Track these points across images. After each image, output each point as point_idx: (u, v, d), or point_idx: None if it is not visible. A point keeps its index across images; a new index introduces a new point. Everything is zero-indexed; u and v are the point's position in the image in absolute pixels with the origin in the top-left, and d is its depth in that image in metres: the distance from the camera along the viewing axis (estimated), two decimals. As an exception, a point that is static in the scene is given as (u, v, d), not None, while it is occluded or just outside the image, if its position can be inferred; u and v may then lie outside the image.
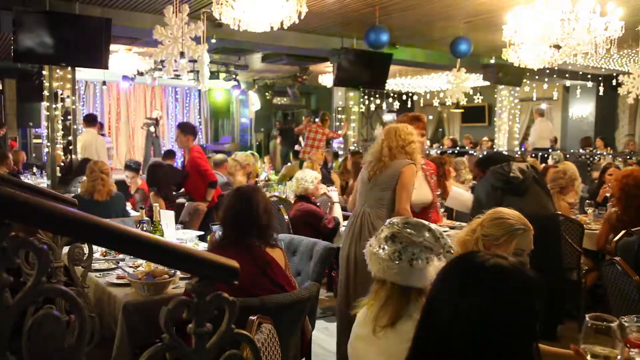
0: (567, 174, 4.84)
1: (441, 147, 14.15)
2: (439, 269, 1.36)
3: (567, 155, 9.89)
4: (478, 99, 13.25)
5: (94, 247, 2.68)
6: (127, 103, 15.01)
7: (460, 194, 4.91)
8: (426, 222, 1.73)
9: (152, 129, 13.35)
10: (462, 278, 1.17)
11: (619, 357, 1.38)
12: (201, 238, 4.26)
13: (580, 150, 11.09)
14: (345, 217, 4.95)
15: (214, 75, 11.29)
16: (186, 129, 5.83)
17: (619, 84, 8.14)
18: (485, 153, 6.84)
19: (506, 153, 11.37)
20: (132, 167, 6.17)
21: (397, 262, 1.63)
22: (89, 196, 4.62)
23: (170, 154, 8.91)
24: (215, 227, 3.40)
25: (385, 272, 1.66)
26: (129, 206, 5.58)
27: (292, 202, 5.11)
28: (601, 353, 1.39)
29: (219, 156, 6.85)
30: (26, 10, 6.31)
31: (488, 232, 2.06)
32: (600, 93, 10.71)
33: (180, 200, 5.89)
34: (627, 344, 1.62)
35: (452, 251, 1.72)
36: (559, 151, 10.29)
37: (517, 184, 3.66)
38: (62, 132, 7.20)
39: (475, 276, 1.15)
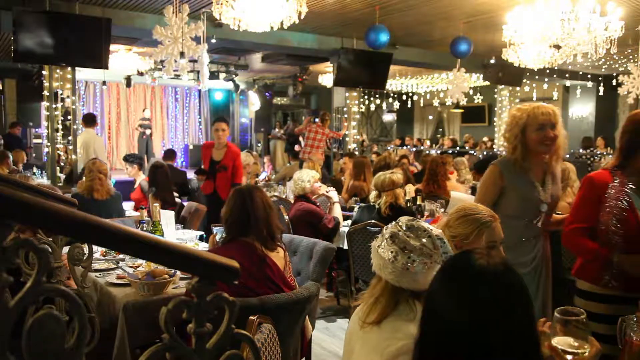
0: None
1: (441, 147, 14.16)
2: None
3: (567, 155, 9.89)
4: (478, 99, 13.25)
5: (94, 247, 2.68)
6: (127, 103, 15.02)
7: (461, 199, 4.89)
8: (429, 227, 1.72)
9: (147, 131, 13.34)
10: (451, 280, 1.19)
11: (587, 350, 1.40)
12: (201, 238, 4.27)
13: (581, 150, 11.10)
14: (346, 217, 4.96)
15: (214, 75, 11.28)
16: (228, 122, 5.89)
17: (619, 84, 8.14)
18: (482, 156, 6.76)
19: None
20: (129, 160, 6.14)
21: (392, 262, 1.63)
22: (88, 195, 4.63)
23: (170, 153, 8.82)
24: (216, 229, 3.41)
25: (381, 269, 1.68)
26: (129, 205, 5.58)
27: (292, 202, 5.11)
28: (571, 347, 1.40)
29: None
30: (26, 10, 6.32)
31: (456, 232, 2.05)
32: (600, 93, 10.72)
33: (179, 200, 5.88)
34: (628, 344, 1.62)
35: None
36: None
37: None
38: (62, 132, 7.20)
39: (462, 278, 1.17)
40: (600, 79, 11.80)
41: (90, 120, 8.37)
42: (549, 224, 2.78)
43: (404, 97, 15.85)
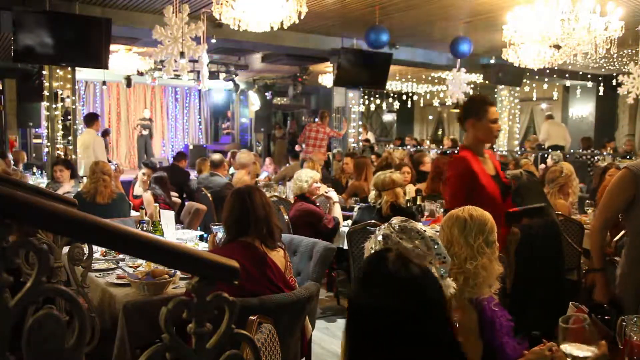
0: (563, 172, 4.86)
1: (441, 147, 14.15)
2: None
3: (567, 156, 9.88)
4: (478, 99, 13.22)
5: (94, 247, 2.68)
6: (127, 103, 15.01)
7: None
8: (422, 228, 1.70)
9: (144, 131, 13.32)
10: (365, 285, 1.25)
11: (594, 353, 1.41)
12: (201, 238, 4.27)
13: (581, 150, 11.10)
14: (346, 217, 4.96)
15: (214, 75, 11.28)
16: None
17: (619, 84, 8.14)
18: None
19: (505, 153, 11.36)
20: (149, 165, 6.09)
21: None
22: (90, 198, 4.57)
23: (179, 156, 8.20)
24: (215, 228, 3.41)
25: None
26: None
27: (292, 202, 5.11)
28: (577, 353, 1.41)
29: (217, 156, 6.77)
30: (26, 10, 6.31)
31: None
32: (600, 93, 10.71)
33: (177, 200, 5.88)
34: (628, 344, 1.62)
35: (446, 260, 1.68)
36: (558, 151, 10.29)
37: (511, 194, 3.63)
38: (62, 132, 7.20)
39: (374, 285, 1.23)
40: (600, 79, 11.79)
41: (91, 120, 8.34)
42: None
43: (404, 97, 15.83)
